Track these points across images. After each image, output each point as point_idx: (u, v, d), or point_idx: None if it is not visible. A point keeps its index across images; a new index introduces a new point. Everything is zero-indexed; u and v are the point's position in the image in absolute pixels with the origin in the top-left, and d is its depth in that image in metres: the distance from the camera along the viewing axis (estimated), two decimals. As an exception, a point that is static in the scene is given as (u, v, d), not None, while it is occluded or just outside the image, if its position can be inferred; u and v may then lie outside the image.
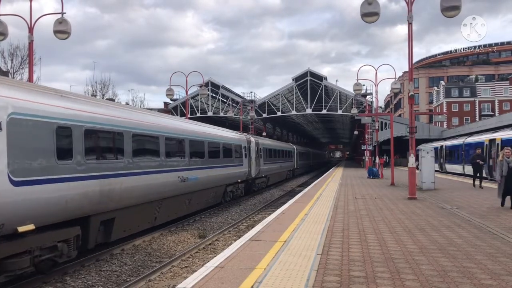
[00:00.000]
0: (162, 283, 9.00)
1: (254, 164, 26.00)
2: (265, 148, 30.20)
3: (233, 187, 22.07)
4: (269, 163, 31.25)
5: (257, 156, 27.18)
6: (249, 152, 24.74)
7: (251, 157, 25.37)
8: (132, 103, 57.70)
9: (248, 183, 25.93)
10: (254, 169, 26.23)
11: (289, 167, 43.18)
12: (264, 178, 30.41)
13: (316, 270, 6.17)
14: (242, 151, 23.24)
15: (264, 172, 29.59)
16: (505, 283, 5.47)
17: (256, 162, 26.67)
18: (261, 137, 34.20)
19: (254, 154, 26.25)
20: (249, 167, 24.73)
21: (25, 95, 7.90)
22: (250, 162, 24.85)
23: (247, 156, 24.25)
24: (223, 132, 21.51)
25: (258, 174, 27.69)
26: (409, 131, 17.04)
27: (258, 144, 27.97)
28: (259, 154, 27.65)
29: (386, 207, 13.40)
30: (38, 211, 7.85)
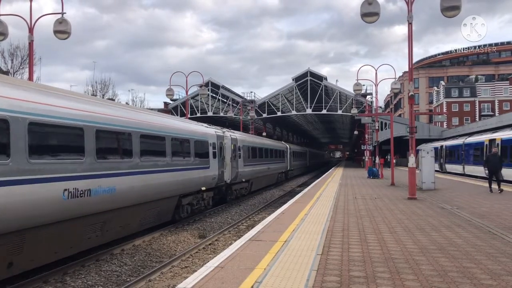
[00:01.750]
0: (162, 283, 9.00)
1: (229, 166, 20.86)
2: (246, 146, 24.87)
3: (193, 198, 16.37)
4: (252, 165, 26.07)
5: (234, 156, 21.92)
6: (221, 151, 19.55)
7: (225, 157, 20.31)
8: (132, 103, 57.66)
9: (221, 190, 20.70)
10: (229, 172, 21.00)
11: (281, 169, 38.12)
12: (246, 183, 25.03)
13: (316, 270, 6.17)
14: (209, 150, 17.86)
15: (246, 176, 24.40)
16: (505, 283, 5.46)
17: (232, 163, 21.50)
18: (241, 133, 27.42)
19: (230, 154, 21.21)
20: (221, 170, 19.39)
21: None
22: (223, 163, 19.78)
23: (218, 155, 18.99)
24: (174, 122, 15.41)
25: (236, 179, 22.42)
26: (409, 131, 17.04)
27: (235, 141, 22.65)
28: (236, 154, 22.44)
29: (386, 207, 13.40)
30: None
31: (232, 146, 21.71)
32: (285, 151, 40.33)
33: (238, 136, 23.91)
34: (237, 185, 23.21)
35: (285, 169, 40.47)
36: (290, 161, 42.80)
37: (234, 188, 22.80)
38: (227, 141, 21.07)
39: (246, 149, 24.73)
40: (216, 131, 19.73)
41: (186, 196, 15.54)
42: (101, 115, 10.25)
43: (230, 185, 21.81)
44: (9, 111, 7.46)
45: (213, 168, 18.19)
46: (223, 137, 20.31)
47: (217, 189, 19.77)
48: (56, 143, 8.85)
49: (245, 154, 24.31)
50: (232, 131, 24.10)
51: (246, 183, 25.18)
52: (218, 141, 19.29)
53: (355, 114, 41.07)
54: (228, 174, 20.74)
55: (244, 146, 24.30)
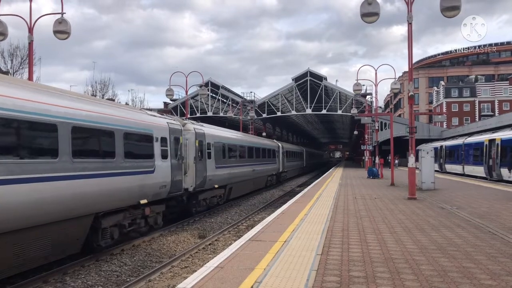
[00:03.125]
0: (162, 283, 9.00)
1: (192, 169, 16.27)
2: (219, 143, 20.09)
3: (123, 217, 11.46)
4: (229, 167, 21.32)
5: (201, 156, 17.27)
6: (177, 150, 14.72)
7: (185, 158, 15.68)
8: (132, 103, 57.67)
9: (180, 201, 15.93)
10: (193, 177, 16.29)
11: (271, 171, 33.22)
12: (220, 190, 20.37)
13: (316, 270, 6.17)
14: (155, 147, 12.95)
15: (219, 181, 19.73)
16: (505, 283, 5.46)
17: (197, 165, 16.71)
18: (213, 127, 21.52)
19: (194, 153, 16.52)
20: (176, 175, 14.39)
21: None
22: (180, 166, 14.97)
23: (171, 155, 14.07)
24: (82, 105, 9.89)
25: (204, 185, 17.53)
26: (409, 131, 17.05)
27: (202, 137, 17.54)
28: (204, 153, 17.81)
29: (386, 207, 13.40)
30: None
31: (197, 143, 16.82)
32: (277, 151, 35.66)
33: (207, 130, 18.65)
34: (206, 192, 18.18)
35: (277, 171, 35.70)
36: (283, 161, 38.14)
37: (202, 197, 17.74)
38: (190, 137, 16.37)
39: (219, 148, 19.88)
40: (169, 121, 14.64)
41: (109, 215, 10.58)
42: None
43: (195, 193, 16.85)
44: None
45: (162, 172, 13.17)
46: (181, 131, 15.32)
47: (174, 200, 15.18)
48: None
49: (218, 153, 19.53)
50: (201, 124, 18.80)
51: (222, 190, 20.46)
52: (172, 135, 14.31)
53: (355, 114, 41.06)
54: (190, 180, 16.06)
55: (216, 143, 19.49)
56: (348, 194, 17.87)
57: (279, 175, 37.31)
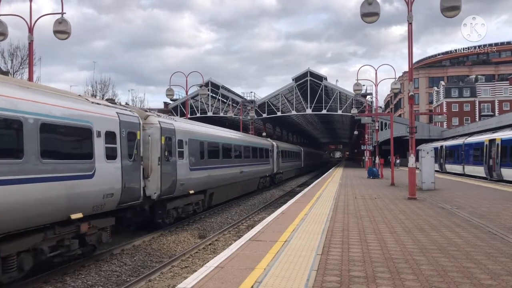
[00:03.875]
0: (162, 283, 9.00)
1: (156, 173, 13.05)
2: (194, 141, 16.46)
3: (42, 239, 8.52)
4: (208, 168, 17.75)
5: (169, 156, 13.96)
6: (133, 147, 11.60)
7: (150, 158, 12.90)
8: (132, 103, 57.65)
9: (139, 212, 12.81)
10: (157, 182, 13.07)
11: (264, 173, 30.32)
12: (199, 196, 16.90)
13: (316, 270, 6.17)
14: (95, 144, 9.97)
15: (196, 185, 16.31)
16: (505, 283, 5.46)
17: (163, 167, 13.44)
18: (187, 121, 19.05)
19: (158, 152, 13.28)
20: (130, 180, 11.26)
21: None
22: (139, 167, 11.98)
23: (122, 155, 11.01)
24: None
25: (173, 191, 14.18)
26: (409, 131, 17.05)
27: (171, 133, 14.36)
28: (174, 152, 14.41)
29: (386, 207, 13.40)
30: None
31: (164, 140, 13.63)
32: (270, 150, 32.81)
33: (178, 125, 15.31)
34: (178, 200, 14.89)
35: (271, 172, 32.80)
36: (278, 162, 35.17)
37: (172, 206, 14.48)
38: (153, 132, 13.21)
39: (196, 146, 16.54)
40: (121, 112, 11.38)
41: (14, 238, 7.81)
42: None
43: (162, 201, 13.70)
44: None
45: (107, 177, 10.22)
46: (139, 125, 12.14)
47: (131, 211, 12.23)
48: None
49: (194, 152, 16.24)
50: (171, 117, 16.34)
51: (200, 195, 17.14)
52: (126, 130, 11.26)
53: (355, 114, 41.06)
54: (154, 185, 12.93)
55: (192, 141, 16.14)
56: (348, 194, 17.87)
57: (273, 177, 34.44)
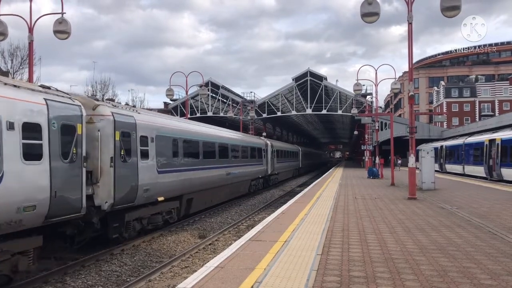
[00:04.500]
0: (162, 283, 9.00)
1: (108, 176, 10.51)
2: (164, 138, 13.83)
3: None
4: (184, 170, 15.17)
5: (125, 156, 11.21)
6: (76, 145, 9.32)
7: (99, 158, 10.36)
8: (132, 103, 57.65)
9: (85, 227, 10.28)
10: (110, 188, 10.48)
11: (257, 174, 28.01)
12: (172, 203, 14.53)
13: (316, 270, 6.17)
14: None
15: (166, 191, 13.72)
16: (505, 283, 5.47)
17: (120, 170, 10.93)
18: (151, 113, 15.47)
19: (110, 151, 10.64)
20: (63, 187, 8.79)
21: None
22: (94, 172, 10.28)
23: (53, 154, 8.61)
24: None
25: (133, 199, 11.57)
26: (409, 131, 17.05)
27: (128, 127, 11.58)
28: (134, 151, 11.74)
29: (386, 207, 13.40)
30: None
31: (119, 136, 10.90)
32: (264, 149, 30.25)
33: (141, 118, 12.45)
34: (141, 209, 12.40)
35: (264, 173, 30.29)
36: (272, 162, 32.73)
37: (133, 217, 11.94)
38: (103, 126, 10.50)
39: (167, 144, 13.92)
40: (51, 98, 8.83)
41: None
42: None
43: (118, 212, 11.09)
44: None
45: (21, 183, 7.81)
46: (81, 117, 9.52)
47: (71, 227, 9.86)
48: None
49: (164, 151, 13.64)
50: (131, 108, 13.24)
51: (175, 202, 14.66)
52: (58, 122, 8.77)
53: (355, 114, 41.06)
54: (105, 192, 10.35)
55: (161, 137, 13.46)
56: (348, 194, 17.87)
57: (267, 178, 31.96)
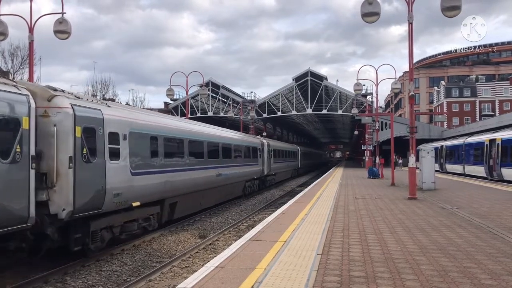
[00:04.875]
0: (162, 283, 9.00)
1: (67, 179, 8.95)
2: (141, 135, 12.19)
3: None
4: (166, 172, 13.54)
5: (88, 156, 9.70)
6: (18, 143, 7.99)
7: (55, 158, 8.80)
8: (133, 103, 57.67)
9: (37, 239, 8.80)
10: (69, 193, 8.93)
11: (252, 175, 26.51)
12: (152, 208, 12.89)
13: (316, 270, 6.17)
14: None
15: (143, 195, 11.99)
16: (505, 283, 5.46)
17: (81, 172, 9.35)
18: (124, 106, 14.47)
19: (69, 150, 9.09)
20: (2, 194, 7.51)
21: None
22: (49, 174, 8.80)
23: None
24: None
25: (99, 205, 10.01)
26: (410, 131, 17.06)
27: (93, 122, 10.06)
28: (102, 150, 10.24)
29: (386, 207, 13.39)
30: None
31: (81, 133, 9.42)
32: (260, 149, 28.73)
33: (110, 112, 10.83)
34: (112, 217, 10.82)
35: (260, 174, 28.78)
36: (269, 162, 31.24)
37: (102, 225, 10.39)
38: (60, 120, 9.04)
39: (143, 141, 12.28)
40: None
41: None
42: None
43: (81, 221, 9.61)
44: None
45: None
46: (28, 108, 8.34)
47: (15, 240, 8.47)
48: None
49: (139, 150, 11.98)
50: (99, 101, 11.48)
51: (154, 207, 13.01)
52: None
53: (355, 114, 41.07)
54: (63, 199, 8.90)
55: (136, 134, 11.77)
56: (348, 194, 17.86)
57: (264, 179, 30.50)
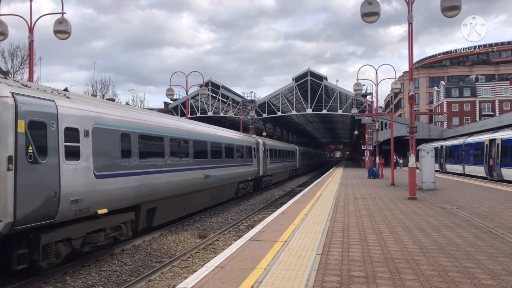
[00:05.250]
0: (162, 283, 9.00)
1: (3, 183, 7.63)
2: (109, 131, 10.63)
3: None
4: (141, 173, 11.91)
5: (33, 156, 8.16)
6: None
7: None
8: (132, 103, 57.68)
9: None
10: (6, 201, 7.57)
11: (245, 176, 24.83)
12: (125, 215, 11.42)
13: (316, 270, 6.17)
14: None
15: (111, 200, 10.50)
16: (505, 283, 5.46)
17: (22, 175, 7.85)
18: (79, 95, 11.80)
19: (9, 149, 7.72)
20: None
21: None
22: None
23: None
24: None
25: (50, 214, 8.46)
26: (409, 131, 17.06)
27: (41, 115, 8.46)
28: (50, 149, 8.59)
29: (386, 207, 13.39)
30: None
31: (25, 127, 8.12)
32: (254, 148, 27.01)
33: (66, 104, 9.38)
34: (72, 227, 9.38)
35: (255, 174, 27.07)
36: (264, 162, 29.57)
37: (58, 238, 8.98)
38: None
39: (111, 139, 10.71)
40: None
41: None
42: None
43: (31, 232, 8.32)
44: None
45: None
46: None
47: None
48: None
49: (107, 149, 10.46)
50: (55, 91, 9.62)
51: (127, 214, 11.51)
52: None
53: (355, 114, 41.05)
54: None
55: (102, 130, 10.33)
56: (348, 194, 17.86)
57: (259, 180, 29.01)
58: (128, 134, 11.45)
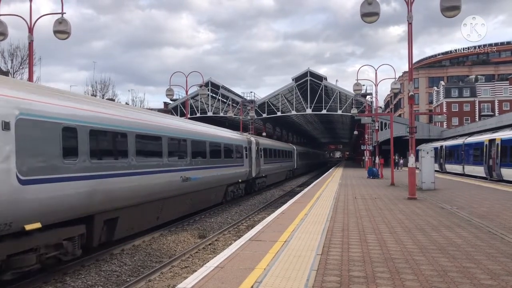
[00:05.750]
0: (162, 283, 9.00)
1: None
2: (37, 121, 7.98)
3: None
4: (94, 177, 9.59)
5: None
6: None
7: None
8: (132, 103, 57.68)
9: None
10: None
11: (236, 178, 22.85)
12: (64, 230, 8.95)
13: (316, 270, 6.17)
14: None
15: (37, 213, 7.86)
16: (505, 283, 5.47)
17: None
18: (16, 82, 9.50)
19: None
20: None
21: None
22: None
23: None
24: None
25: None
26: (409, 131, 17.06)
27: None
28: None
29: (386, 207, 13.40)
30: None
31: None
32: (246, 147, 25.01)
33: None
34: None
35: (246, 176, 25.00)
36: (258, 163, 27.56)
37: None
38: None
39: (47, 133, 8.36)
40: None
41: None
42: None
43: None
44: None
45: None
46: None
47: None
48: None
49: (39, 146, 8.07)
50: None
51: (76, 228, 9.41)
52: None
53: (355, 114, 41.08)
54: None
55: (32, 122, 7.93)
56: (348, 194, 17.87)
57: (252, 182, 26.90)
58: (73, 128, 9.08)
